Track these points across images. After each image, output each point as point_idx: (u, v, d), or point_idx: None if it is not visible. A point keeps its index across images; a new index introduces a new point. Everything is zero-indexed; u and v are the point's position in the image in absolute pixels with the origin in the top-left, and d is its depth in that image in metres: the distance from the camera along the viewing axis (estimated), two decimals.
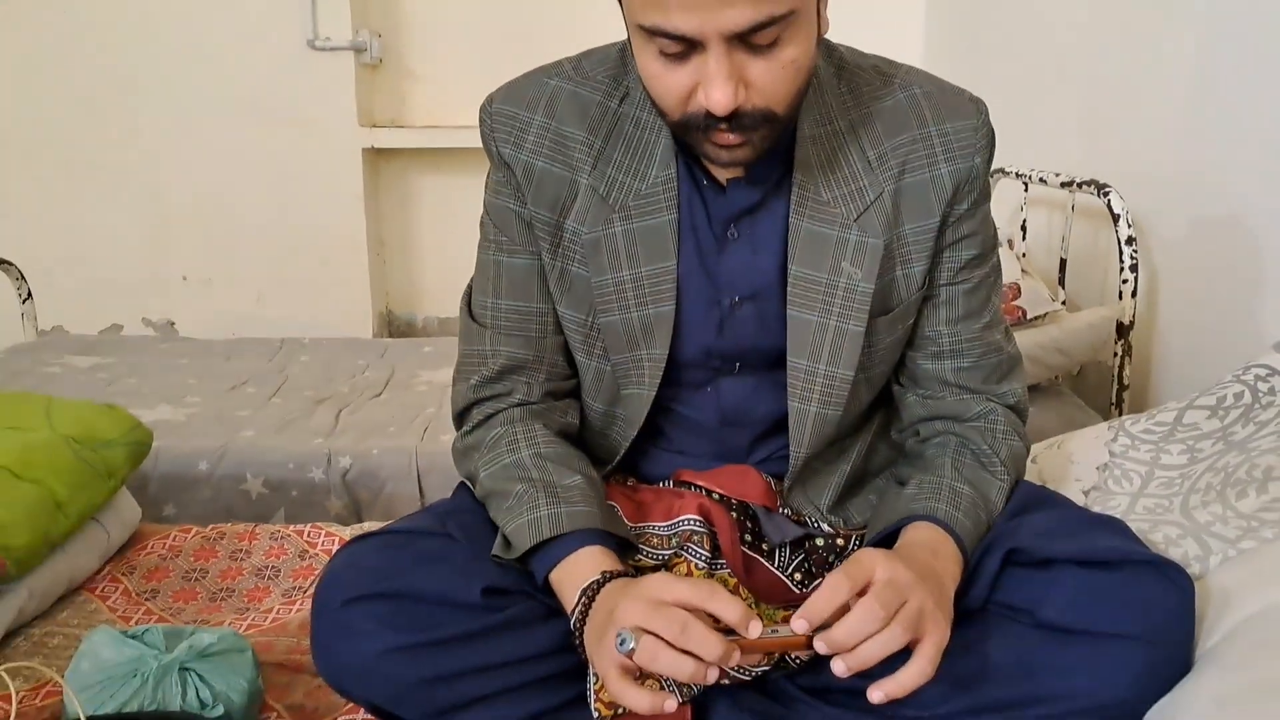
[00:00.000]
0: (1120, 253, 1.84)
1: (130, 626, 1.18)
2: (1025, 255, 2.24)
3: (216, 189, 3.17)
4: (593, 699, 0.92)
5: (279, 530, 1.53)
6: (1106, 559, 0.90)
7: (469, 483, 1.07)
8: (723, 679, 0.94)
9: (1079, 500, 1.20)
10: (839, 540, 1.06)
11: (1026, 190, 2.27)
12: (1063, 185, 2.03)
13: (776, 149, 0.94)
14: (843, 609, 0.80)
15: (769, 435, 1.07)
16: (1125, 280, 1.84)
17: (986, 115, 1.01)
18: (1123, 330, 1.86)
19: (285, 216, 3.18)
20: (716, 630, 0.79)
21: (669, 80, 0.85)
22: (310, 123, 3.11)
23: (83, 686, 1.01)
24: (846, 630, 0.79)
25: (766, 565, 1.04)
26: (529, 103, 1.00)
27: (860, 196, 0.98)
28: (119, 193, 3.17)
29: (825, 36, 0.92)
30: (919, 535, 0.94)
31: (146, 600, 1.36)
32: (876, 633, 0.79)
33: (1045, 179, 2.12)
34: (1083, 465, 1.27)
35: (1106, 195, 1.86)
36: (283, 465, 1.83)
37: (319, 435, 1.96)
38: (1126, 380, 1.88)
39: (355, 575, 0.92)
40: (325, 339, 2.75)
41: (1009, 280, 1.83)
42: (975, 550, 0.96)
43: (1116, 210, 1.84)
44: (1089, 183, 1.93)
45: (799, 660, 0.97)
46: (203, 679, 1.02)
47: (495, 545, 0.97)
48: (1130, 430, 1.28)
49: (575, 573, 0.91)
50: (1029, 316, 1.88)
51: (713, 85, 0.82)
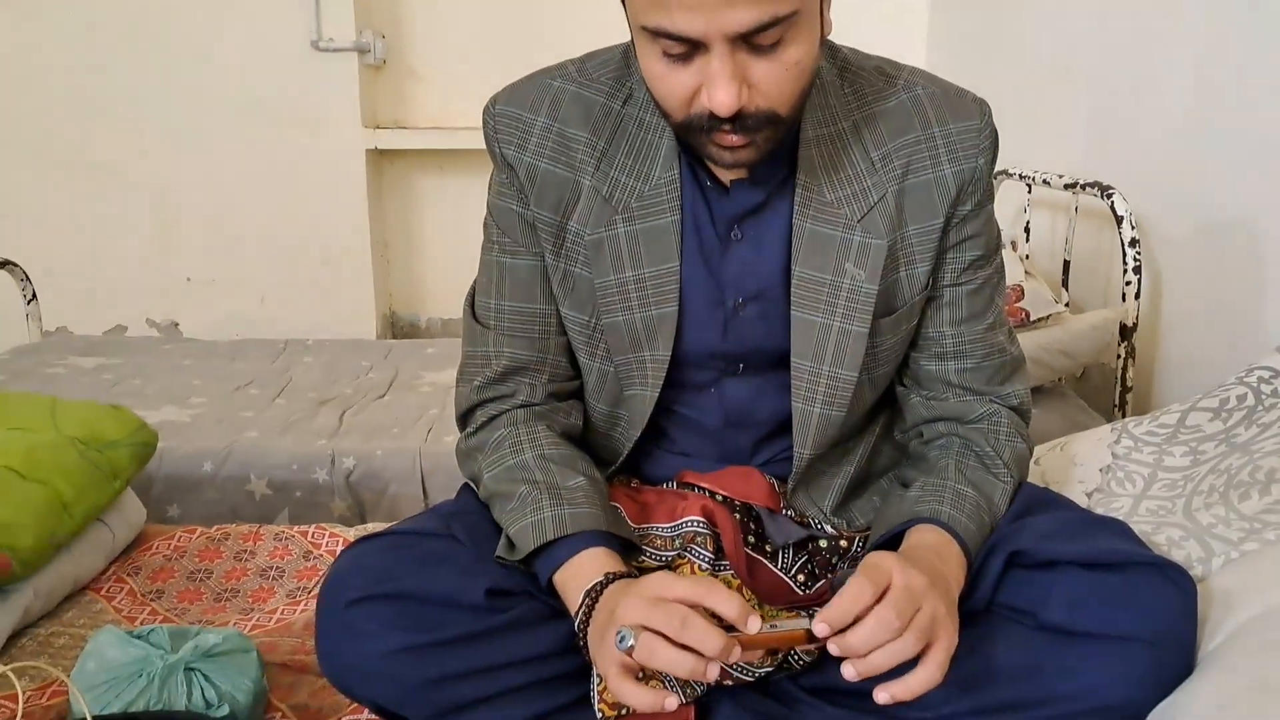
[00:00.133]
0: (1123, 255, 1.84)
1: (135, 627, 1.19)
2: (1028, 257, 2.24)
3: (220, 190, 3.17)
4: (596, 700, 0.92)
5: (283, 531, 1.54)
6: (1109, 561, 0.90)
7: (472, 484, 1.07)
8: (726, 679, 0.94)
9: (1082, 502, 1.20)
10: (842, 542, 1.06)
11: (1030, 192, 2.27)
12: (1066, 187, 2.03)
13: (780, 150, 0.94)
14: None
15: (772, 437, 1.07)
16: (1128, 282, 1.84)
17: (990, 116, 1.01)
18: (1126, 332, 1.86)
19: (289, 217, 3.18)
20: (717, 627, 0.79)
21: (672, 81, 0.85)
22: (314, 124, 3.11)
23: (88, 686, 1.01)
24: (860, 637, 0.79)
25: (769, 567, 1.04)
26: (532, 104, 1.00)
27: (864, 197, 0.98)
28: (123, 194, 3.17)
29: (828, 38, 0.92)
30: (924, 538, 0.94)
31: (151, 600, 1.36)
32: (890, 640, 0.79)
33: (1049, 181, 2.12)
34: (1086, 467, 1.27)
35: (1110, 197, 1.86)
36: (286, 466, 1.83)
37: (323, 436, 1.96)
38: (1129, 382, 1.87)
39: (360, 576, 0.92)
40: (329, 340, 2.76)
41: (1012, 282, 1.83)
42: (979, 553, 0.96)
43: (1120, 212, 1.83)
44: (1092, 184, 1.93)
45: (803, 661, 0.97)
46: (208, 679, 1.03)
47: (499, 547, 0.97)
48: (1133, 432, 1.28)
49: (579, 574, 0.91)
50: (1032, 318, 1.88)
51: (716, 86, 0.82)
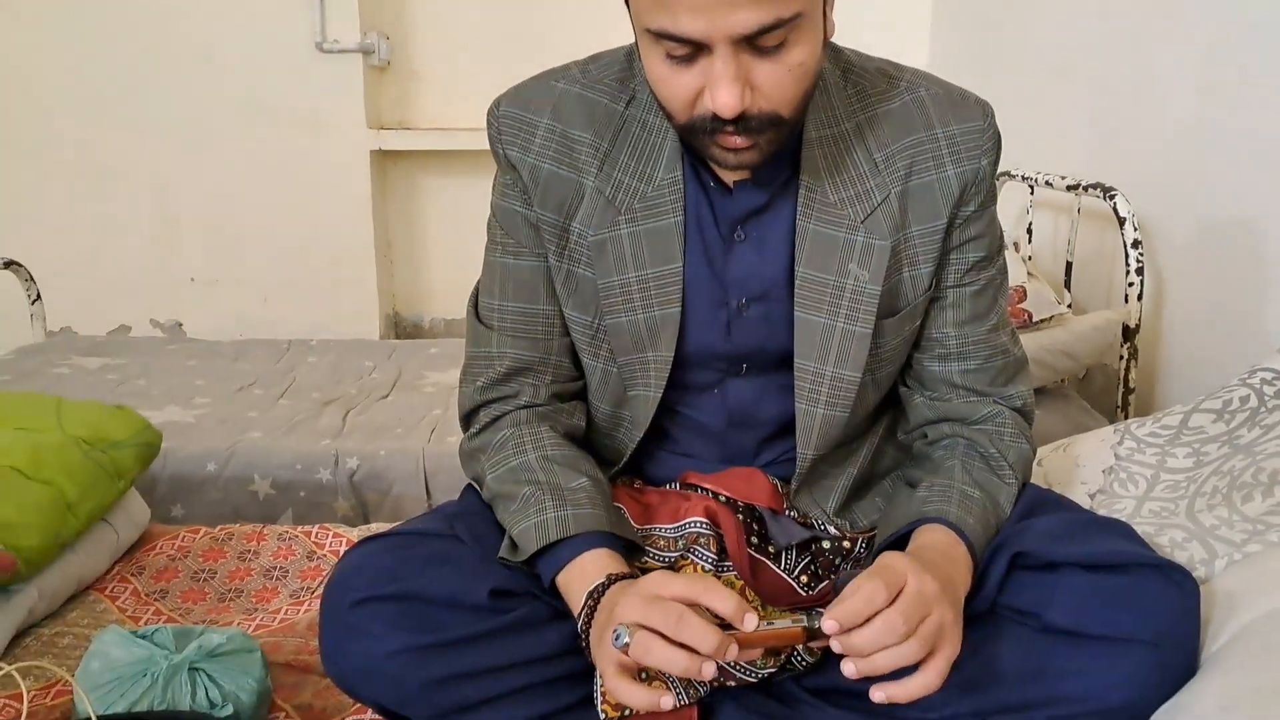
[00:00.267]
0: (1126, 256, 1.84)
1: (140, 626, 1.19)
2: (1031, 258, 2.24)
3: (224, 190, 3.17)
4: (599, 701, 0.93)
5: (287, 531, 1.54)
6: (1112, 562, 0.90)
7: (476, 485, 1.07)
8: (729, 680, 0.94)
9: (1085, 503, 1.20)
10: (845, 543, 1.06)
11: (1032, 193, 2.27)
12: (1069, 188, 2.03)
13: (783, 151, 0.94)
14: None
15: (776, 437, 1.08)
16: (1131, 283, 1.84)
17: (993, 117, 1.01)
18: (1128, 333, 1.86)
19: (293, 218, 3.18)
20: (714, 625, 0.79)
21: (676, 83, 0.86)
22: (318, 124, 3.11)
23: (93, 686, 1.01)
24: (865, 638, 0.79)
25: (773, 568, 1.04)
26: (536, 106, 1.00)
27: (867, 198, 0.98)
28: (127, 194, 3.17)
29: (831, 40, 0.93)
30: (932, 538, 0.94)
31: (155, 600, 1.37)
32: (894, 644, 0.79)
33: (1051, 182, 2.12)
34: (1088, 468, 1.27)
35: (1112, 198, 1.86)
36: (290, 466, 1.84)
37: (326, 436, 1.96)
38: (1132, 383, 1.88)
39: (363, 576, 0.92)
40: (332, 340, 2.76)
41: (1015, 283, 1.83)
42: (983, 554, 0.96)
43: (1122, 213, 1.84)
44: (1095, 186, 1.93)
45: (805, 662, 0.97)
46: (212, 679, 1.03)
47: (502, 548, 0.97)
48: (1136, 433, 1.28)
49: (582, 575, 0.92)
50: (1035, 319, 1.88)
51: (719, 88, 0.83)
